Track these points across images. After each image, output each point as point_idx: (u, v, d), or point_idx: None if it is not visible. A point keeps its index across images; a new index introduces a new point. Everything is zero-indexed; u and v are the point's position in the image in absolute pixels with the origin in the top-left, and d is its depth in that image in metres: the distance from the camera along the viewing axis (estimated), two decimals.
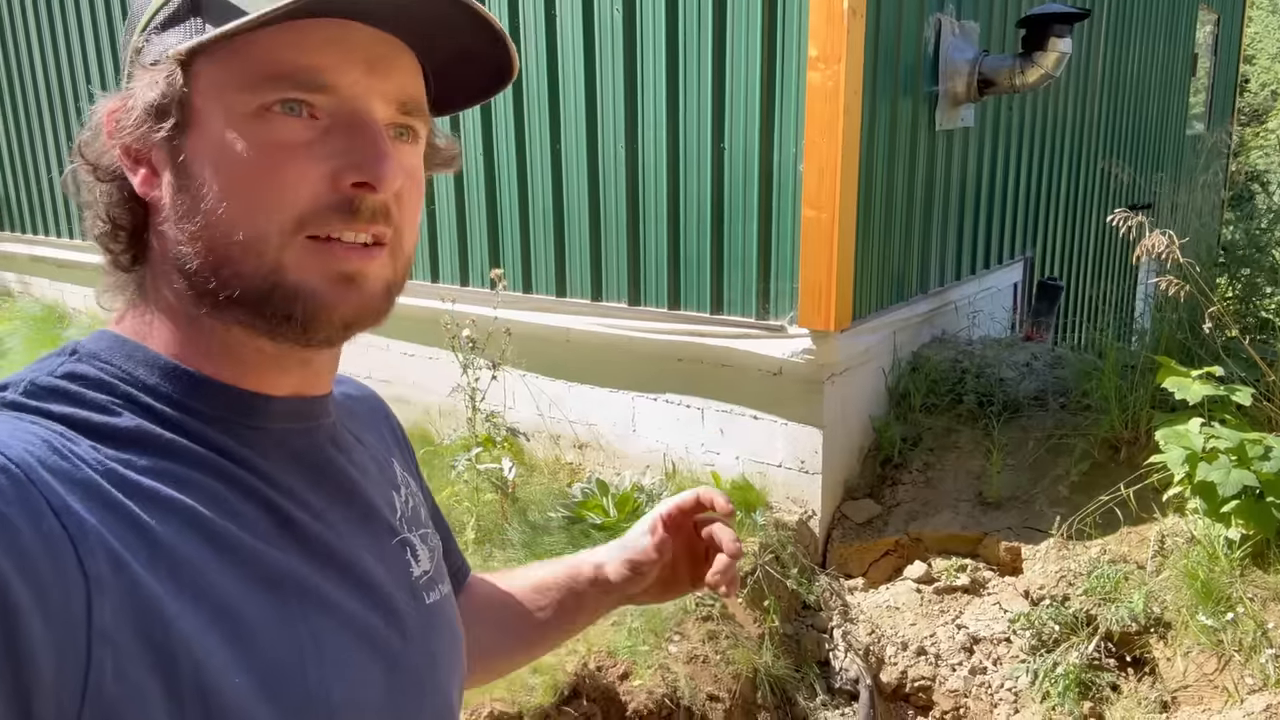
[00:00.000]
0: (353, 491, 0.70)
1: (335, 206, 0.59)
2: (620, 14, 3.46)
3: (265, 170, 0.58)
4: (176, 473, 0.58)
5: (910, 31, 3.51)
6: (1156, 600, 2.84)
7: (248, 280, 0.59)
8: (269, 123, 0.58)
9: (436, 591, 0.75)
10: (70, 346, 0.62)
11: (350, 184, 0.59)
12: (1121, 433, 3.38)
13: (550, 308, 3.89)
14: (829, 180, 3.14)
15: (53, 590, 0.47)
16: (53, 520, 0.49)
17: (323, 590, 0.62)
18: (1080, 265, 6.03)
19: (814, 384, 3.38)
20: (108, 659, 0.49)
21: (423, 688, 0.70)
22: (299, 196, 0.59)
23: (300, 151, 0.59)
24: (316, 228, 0.59)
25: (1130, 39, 6.23)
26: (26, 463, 0.50)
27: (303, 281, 0.60)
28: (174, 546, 0.54)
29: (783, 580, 3.29)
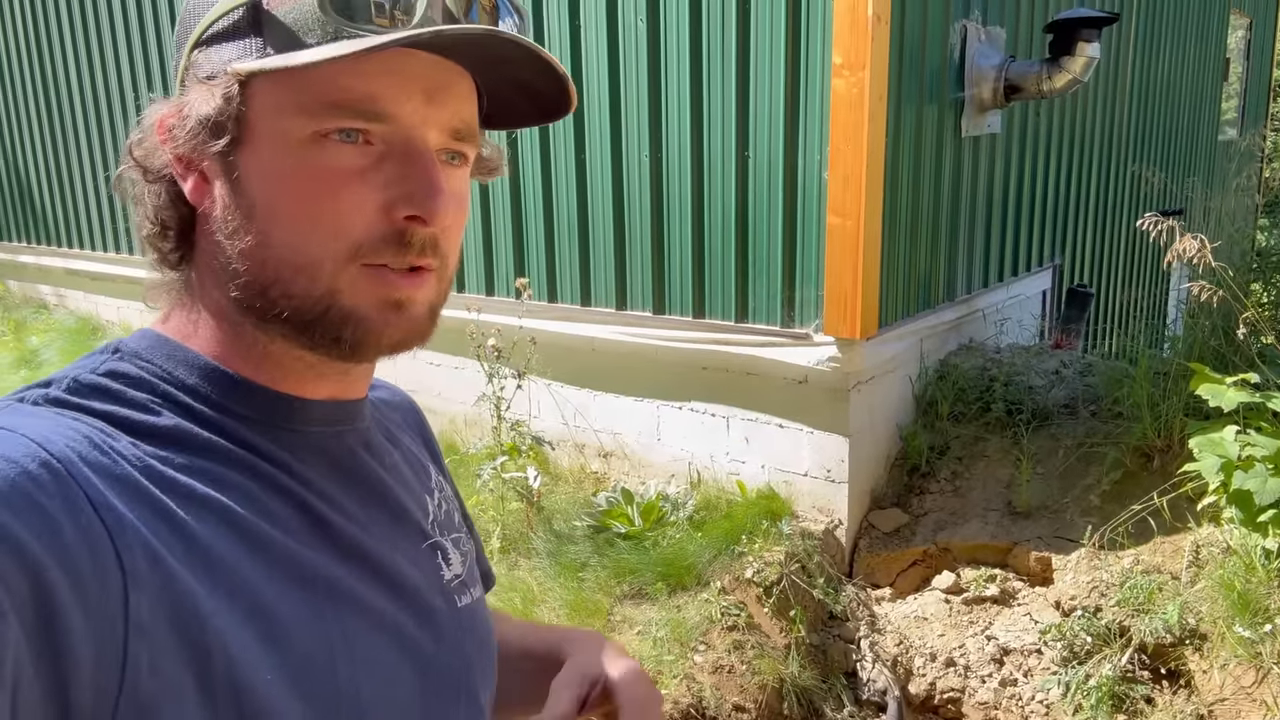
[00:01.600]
0: (385, 494, 0.71)
1: (388, 238, 0.60)
2: (645, 24, 3.47)
3: (320, 197, 0.59)
4: (213, 471, 0.58)
5: (935, 38, 3.49)
6: (1191, 611, 2.79)
7: (298, 301, 0.60)
8: (325, 149, 0.59)
9: (469, 595, 0.75)
10: (113, 345, 0.63)
11: (403, 216, 0.60)
12: (1154, 441, 3.33)
13: (575, 317, 3.90)
14: (854, 187, 3.13)
15: (91, 584, 0.48)
16: (92, 515, 0.50)
17: (355, 590, 0.63)
18: (1111, 272, 5.95)
19: (840, 392, 3.36)
20: (144, 653, 0.49)
21: (455, 690, 0.70)
22: (353, 225, 0.59)
23: (355, 180, 0.59)
24: (369, 257, 0.60)
25: (1160, 43, 6.16)
26: (68, 458, 0.51)
27: (355, 307, 0.61)
28: (209, 544, 0.55)
29: (809, 590, 3.26)
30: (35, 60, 6.41)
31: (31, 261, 7.00)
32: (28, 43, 6.43)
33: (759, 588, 3.19)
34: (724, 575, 3.20)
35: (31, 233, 6.92)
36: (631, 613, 3.18)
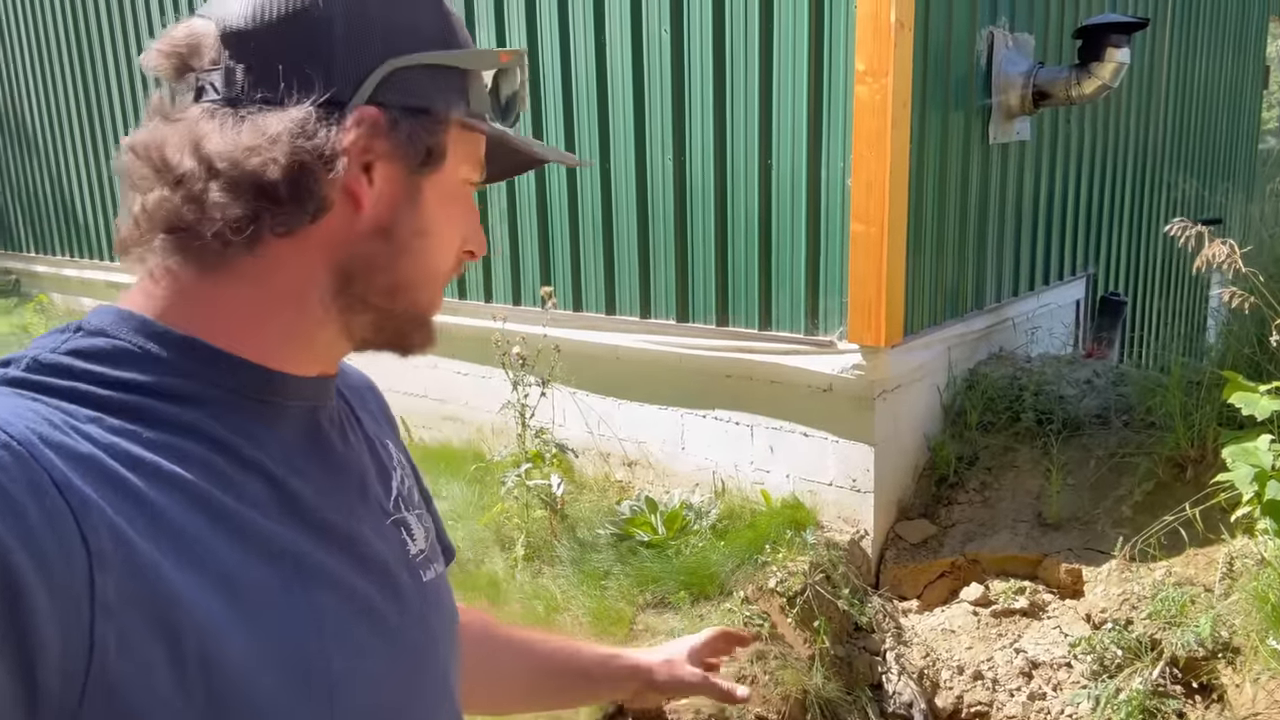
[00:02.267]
0: (351, 470, 0.72)
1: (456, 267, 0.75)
2: (668, 34, 3.49)
3: (458, 228, 0.74)
4: (179, 446, 0.59)
5: (961, 44, 3.47)
6: (1225, 624, 2.72)
7: (415, 306, 0.71)
8: (467, 193, 0.75)
9: (432, 570, 0.77)
10: (74, 324, 0.63)
11: (464, 250, 0.75)
12: (1187, 451, 3.26)
13: (599, 325, 3.91)
14: (877, 194, 3.11)
15: (56, 565, 0.48)
16: (55, 495, 0.49)
17: (324, 564, 0.63)
18: (1146, 281, 5.85)
19: (865, 401, 3.33)
20: (111, 633, 0.49)
21: (423, 662, 0.71)
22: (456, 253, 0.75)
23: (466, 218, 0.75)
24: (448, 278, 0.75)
25: (1197, 50, 6.07)
26: (28, 439, 0.51)
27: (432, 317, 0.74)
28: (176, 520, 0.55)
29: (833, 601, 3.23)
30: (78, 74, 6.58)
31: (74, 275, 7.15)
32: (70, 56, 6.60)
33: (782, 598, 3.17)
34: (747, 585, 3.18)
35: (74, 246, 7.08)
36: (654, 621, 3.17)
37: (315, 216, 0.64)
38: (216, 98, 0.63)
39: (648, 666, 1.10)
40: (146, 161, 0.64)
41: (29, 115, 7.23)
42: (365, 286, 0.67)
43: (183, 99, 0.65)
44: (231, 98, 0.63)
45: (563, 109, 3.84)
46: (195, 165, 0.62)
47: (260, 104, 0.63)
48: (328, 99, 0.63)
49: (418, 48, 0.67)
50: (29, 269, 7.78)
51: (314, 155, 0.62)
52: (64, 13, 6.54)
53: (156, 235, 0.64)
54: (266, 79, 0.63)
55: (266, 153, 0.61)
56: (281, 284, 0.65)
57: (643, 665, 1.10)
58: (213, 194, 0.61)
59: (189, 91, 0.65)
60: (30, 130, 7.26)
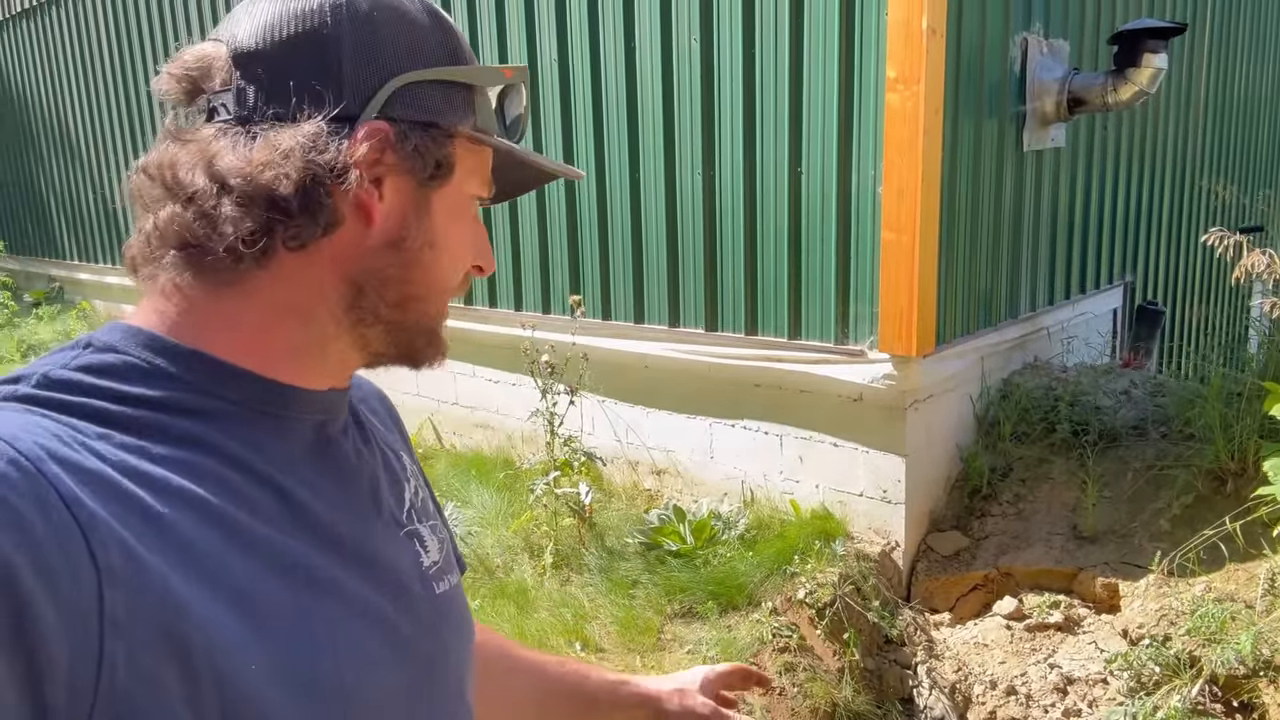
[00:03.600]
0: (364, 482, 0.72)
1: (464, 281, 0.76)
2: (698, 44, 3.48)
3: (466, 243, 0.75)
4: (189, 461, 0.59)
5: (995, 51, 3.43)
6: (1266, 642, 2.65)
7: (424, 318, 0.72)
8: (474, 207, 0.76)
9: (446, 582, 0.77)
10: (84, 339, 0.63)
11: (471, 265, 0.76)
12: (1227, 463, 3.19)
13: (628, 334, 3.91)
14: (909, 202, 3.08)
15: (64, 581, 0.48)
16: (64, 512, 0.49)
17: (336, 577, 0.63)
18: (1185, 289, 5.75)
19: (896, 410, 3.30)
20: (120, 650, 0.49)
21: (436, 674, 0.71)
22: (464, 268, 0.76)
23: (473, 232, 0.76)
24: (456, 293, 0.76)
25: (1237, 54, 5.96)
26: (37, 455, 0.50)
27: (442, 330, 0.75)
28: (186, 536, 0.55)
29: (863, 613, 3.20)
30: (120, 86, 6.71)
31: (116, 282, 7.29)
32: (112, 69, 6.74)
33: (811, 609, 3.14)
34: (776, 596, 3.16)
35: (117, 254, 7.20)
36: (682, 631, 3.15)
37: (327, 230, 0.64)
38: (229, 117, 0.64)
39: (657, 695, 1.08)
40: (159, 181, 0.65)
41: (74, 126, 7.39)
42: (376, 299, 0.68)
43: (194, 120, 0.66)
44: (243, 116, 0.64)
45: (592, 118, 3.86)
46: (207, 182, 0.63)
47: (272, 120, 0.63)
48: (338, 114, 0.64)
49: (425, 64, 0.68)
50: (72, 276, 7.95)
51: (325, 169, 0.63)
52: (107, 25, 6.68)
53: (168, 252, 0.64)
54: (278, 96, 0.64)
55: (279, 167, 0.62)
56: (292, 298, 0.65)
57: (652, 694, 1.08)
58: (225, 209, 0.62)
59: (201, 113, 0.66)
60: (75, 141, 7.41)
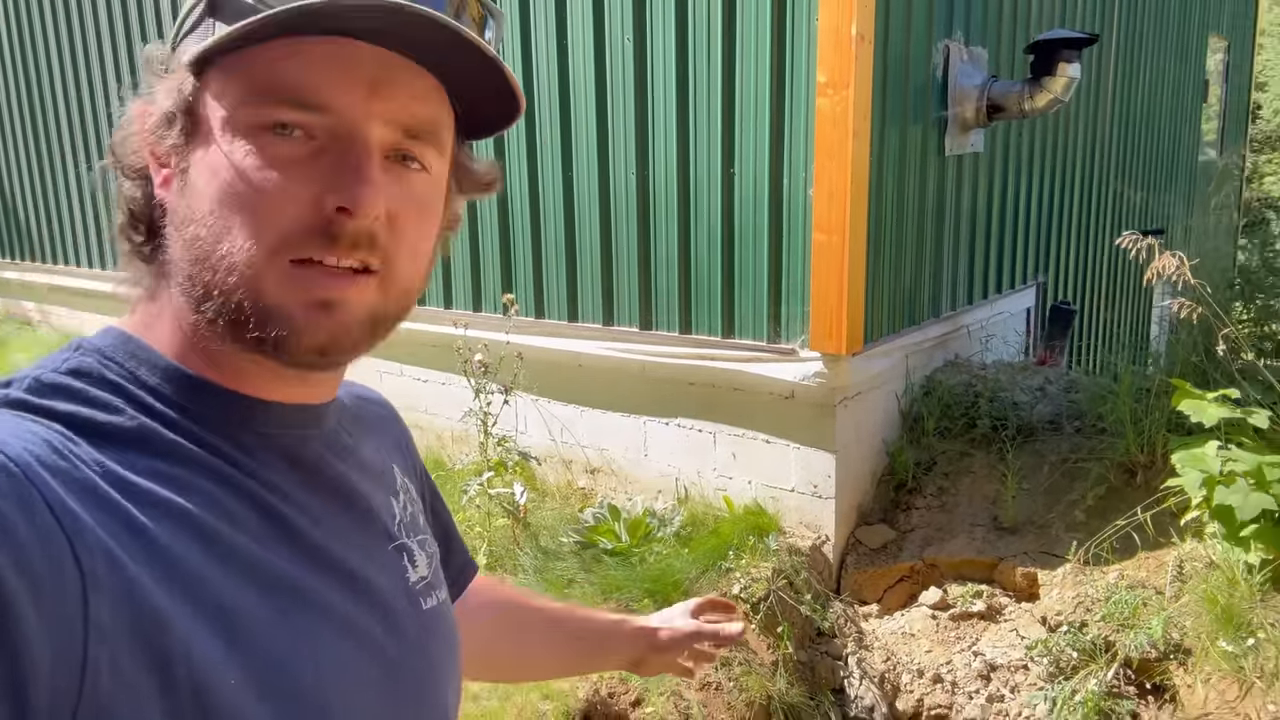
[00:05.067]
0: (350, 497, 0.71)
1: (316, 230, 0.59)
2: (631, 43, 3.50)
3: (252, 188, 0.58)
4: (175, 475, 0.58)
5: (919, 57, 3.53)
6: (1176, 626, 2.80)
7: (228, 297, 0.59)
8: (262, 139, 0.58)
9: (434, 597, 0.75)
10: (75, 343, 0.62)
11: (333, 207, 0.58)
12: (1137, 456, 3.35)
13: (562, 332, 3.90)
14: (839, 204, 3.15)
15: (48, 585, 0.47)
16: (48, 517, 0.49)
17: (319, 593, 0.62)
18: (1094, 289, 6.01)
19: (826, 408, 3.37)
20: (104, 655, 0.49)
21: (420, 692, 0.70)
22: (281, 217, 0.58)
23: (289, 170, 0.58)
24: (297, 251, 0.59)
25: (1141, 65, 6.25)
26: (24, 460, 0.50)
27: (279, 305, 0.59)
28: (171, 548, 0.54)
29: (796, 606, 3.26)
30: (20, 76, 6.40)
31: (15, 277, 6.95)
32: (12, 57, 6.42)
33: (746, 604, 3.18)
34: (711, 591, 3.20)
35: (15, 248, 6.88)
36: None
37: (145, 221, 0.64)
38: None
39: (653, 628, 1.14)
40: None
41: None
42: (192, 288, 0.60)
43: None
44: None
45: (525, 116, 3.83)
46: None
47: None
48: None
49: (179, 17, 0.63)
50: None
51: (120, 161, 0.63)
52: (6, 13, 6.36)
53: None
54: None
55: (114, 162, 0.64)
56: (177, 304, 0.63)
57: (648, 628, 1.14)
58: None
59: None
60: None
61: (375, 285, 0.62)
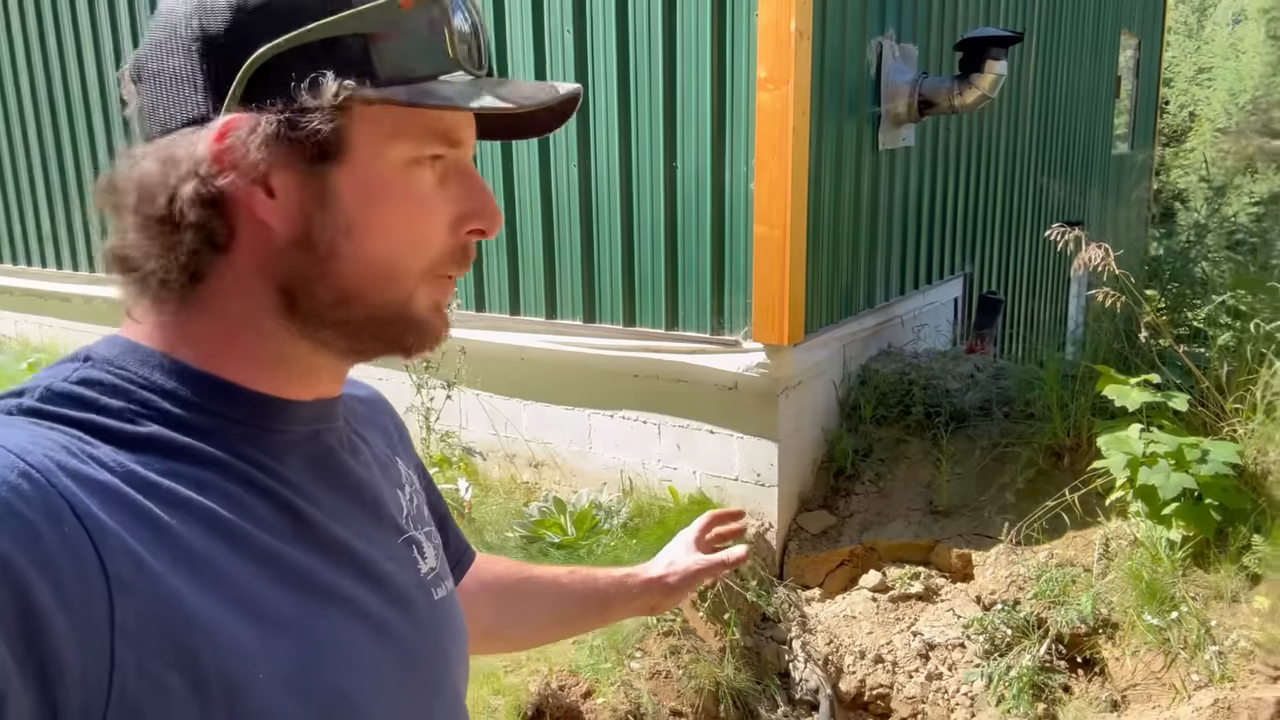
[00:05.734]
0: (362, 491, 0.72)
1: (455, 253, 0.67)
2: (571, 34, 3.49)
3: (417, 216, 0.64)
4: (194, 475, 0.59)
5: (854, 54, 3.61)
6: (1104, 602, 2.93)
7: (380, 310, 0.65)
8: (419, 172, 0.64)
9: (443, 588, 0.77)
10: (83, 353, 0.63)
11: (468, 230, 0.67)
12: (1064, 440, 3.49)
13: (504, 325, 3.89)
14: (780, 198, 3.20)
15: (75, 591, 0.48)
16: (74, 522, 0.50)
17: (340, 587, 0.64)
18: (1016, 280, 6.21)
19: (769, 398, 3.43)
20: (131, 658, 0.50)
21: (438, 682, 0.72)
22: (434, 242, 0.66)
23: (434, 198, 0.65)
24: (441, 269, 0.67)
25: (1058, 61, 6.47)
26: (46, 467, 0.51)
27: (423, 315, 0.67)
28: (194, 546, 0.55)
29: (742, 593, 3.32)
30: None
31: None
32: None
33: (694, 593, 3.22)
34: None
35: None
36: None
37: (221, 243, 0.62)
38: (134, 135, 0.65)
39: (659, 576, 1.15)
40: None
41: None
42: (310, 300, 0.63)
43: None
44: (143, 133, 0.64)
45: None
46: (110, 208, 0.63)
47: (159, 135, 0.62)
48: (196, 116, 0.61)
49: (287, 28, 0.60)
50: None
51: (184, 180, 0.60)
52: None
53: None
54: (158, 108, 0.62)
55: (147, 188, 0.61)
56: (238, 310, 0.64)
57: (654, 577, 1.15)
58: (130, 236, 0.62)
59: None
60: None
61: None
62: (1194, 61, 15.19)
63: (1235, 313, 3.47)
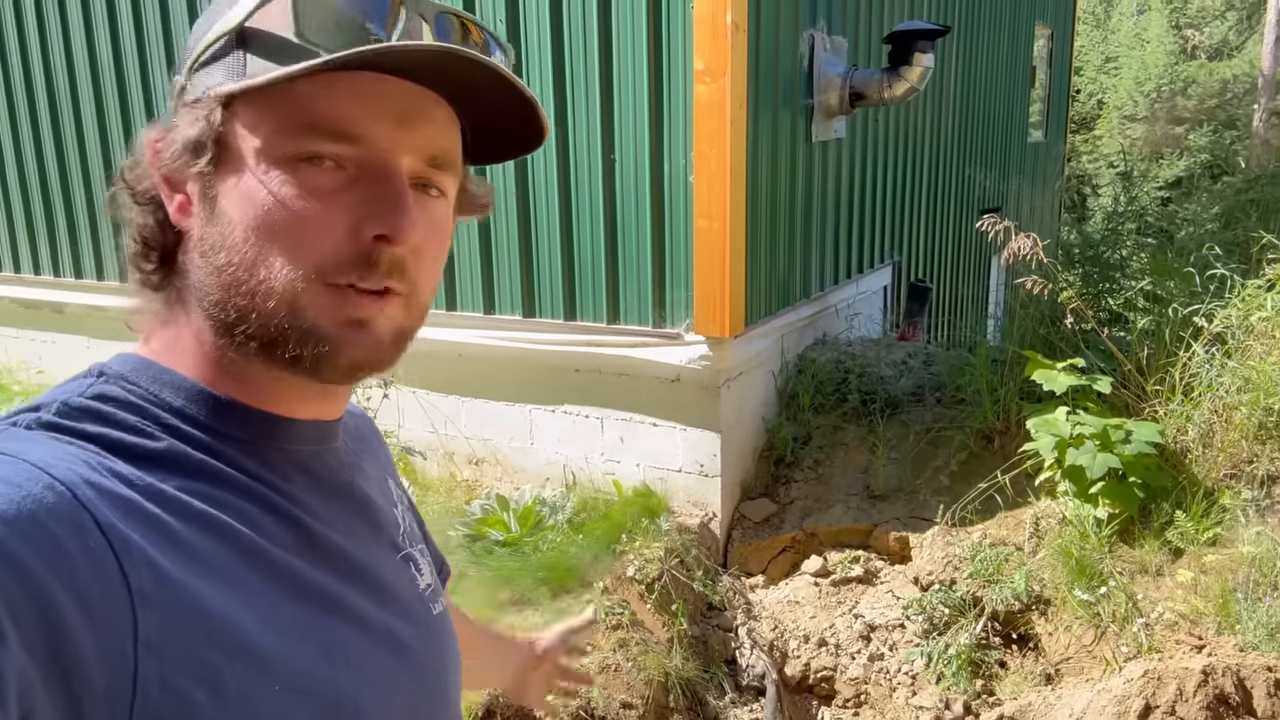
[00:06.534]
0: (365, 509, 0.73)
1: (355, 259, 0.61)
2: (504, 26, 3.45)
3: (291, 217, 0.60)
4: (208, 492, 0.59)
5: (787, 46, 3.64)
6: (1036, 579, 3.04)
7: (264, 320, 0.61)
8: (299, 171, 0.60)
9: (439, 603, 0.79)
10: (97, 369, 0.63)
11: (371, 236, 0.61)
12: (994, 423, 3.60)
13: (440, 321, 3.83)
14: (719, 190, 3.22)
15: (99, 604, 0.49)
16: (98, 536, 0.50)
17: (350, 601, 0.65)
18: (942, 267, 6.37)
19: (711, 389, 3.46)
20: (153, 670, 0.50)
21: (442, 692, 0.74)
22: (321, 246, 0.60)
23: (326, 201, 0.60)
24: (334, 277, 0.61)
25: (978, 53, 6.64)
26: (72, 480, 0.51)
27: (316, 325, 0.61)
28: (212, 560, 0.56)
29: (688, 583, 3.35)
30: None
31: None
32: None
33: (641, 585, 3.24)
34: (606, 575, 3.24)
35: None
36: (514, 620, 3.17)
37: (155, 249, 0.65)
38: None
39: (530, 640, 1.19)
40: None
41: None
42: (221, 311, 0.62)
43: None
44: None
45: None
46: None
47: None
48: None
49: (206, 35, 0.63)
50: None
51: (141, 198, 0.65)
52: None
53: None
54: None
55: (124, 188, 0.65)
56: (193, 329, 0.65)
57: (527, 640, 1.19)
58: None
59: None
60: None
61: (401, 304, 0.64)
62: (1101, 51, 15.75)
63: (1153, 297, 3.62)
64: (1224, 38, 16.09)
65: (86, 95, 4.58)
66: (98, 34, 4.47)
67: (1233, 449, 3.04)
